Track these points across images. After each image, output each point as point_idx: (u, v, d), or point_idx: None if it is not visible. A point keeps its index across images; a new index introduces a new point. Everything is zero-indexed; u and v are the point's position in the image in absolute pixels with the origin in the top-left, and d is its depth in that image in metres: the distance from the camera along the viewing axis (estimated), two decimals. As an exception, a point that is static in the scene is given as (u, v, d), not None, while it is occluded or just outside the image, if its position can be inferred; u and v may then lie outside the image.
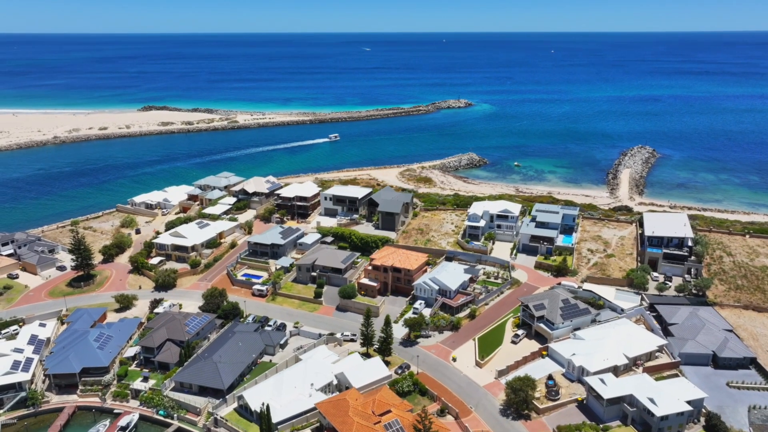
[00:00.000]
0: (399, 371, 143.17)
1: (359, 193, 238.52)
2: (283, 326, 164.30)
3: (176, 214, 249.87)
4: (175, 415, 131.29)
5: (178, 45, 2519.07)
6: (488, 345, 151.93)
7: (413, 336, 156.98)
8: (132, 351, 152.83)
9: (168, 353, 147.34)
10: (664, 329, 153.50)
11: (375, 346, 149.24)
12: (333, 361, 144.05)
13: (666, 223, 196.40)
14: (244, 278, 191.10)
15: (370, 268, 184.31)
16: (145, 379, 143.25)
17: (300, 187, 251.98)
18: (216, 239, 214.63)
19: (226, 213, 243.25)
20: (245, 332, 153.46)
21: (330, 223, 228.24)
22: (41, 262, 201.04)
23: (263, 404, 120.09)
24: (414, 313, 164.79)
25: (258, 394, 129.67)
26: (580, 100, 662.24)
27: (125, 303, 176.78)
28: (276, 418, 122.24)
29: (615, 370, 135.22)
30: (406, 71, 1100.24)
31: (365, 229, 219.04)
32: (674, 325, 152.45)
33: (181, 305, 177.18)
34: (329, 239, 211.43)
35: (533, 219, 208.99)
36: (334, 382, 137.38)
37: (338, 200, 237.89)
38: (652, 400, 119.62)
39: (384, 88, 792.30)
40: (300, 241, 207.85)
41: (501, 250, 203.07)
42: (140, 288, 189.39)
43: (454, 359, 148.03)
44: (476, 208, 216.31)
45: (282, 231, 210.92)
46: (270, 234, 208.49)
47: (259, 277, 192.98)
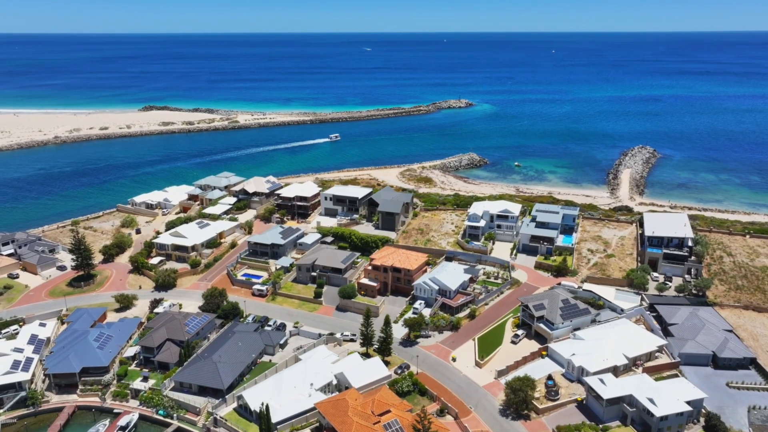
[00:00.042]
0: (398, 371, 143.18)
1: (359, 193, 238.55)
2: (282, 326, 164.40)
3: (176, 214, 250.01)
4: (175, 415, 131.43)
5: (178, 45, 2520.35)
6: (488, 345, 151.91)
7: (413, 336, 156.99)
8: (132, 351, 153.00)
9: (168, 353, 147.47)
10: (664, 329, 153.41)
11: (375, 346, 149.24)
12: (333, 361, 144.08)
13: (666, 223, 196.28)
14: (244, 278, 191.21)
15: (370, 268, 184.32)
16: (145, 379, 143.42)
17: (300, 187, 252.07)
18: (216, 239, 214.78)
19: (226, 213, 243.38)
20: (245, 332, 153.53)
21: (330, 223, 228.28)
22: (41, 261, 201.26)
23: (263, 404, 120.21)
24: (414, 313, 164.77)
25: (257, 394, 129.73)
26: (581, 100, 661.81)
27: (125, 303, 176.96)
28: (275, 418, 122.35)
29: (615, 370, 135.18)
30: (406, 71, 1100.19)
31: (365, 229, 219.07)
32: (674, 325, 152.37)
33: (181, 305, 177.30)
34: (329, 239, 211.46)
35: (533, 219, 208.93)
36: (334, 382, 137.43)
37: (338, 200, 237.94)
38: (652, 401, 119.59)
39: (385, 88, 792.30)
40: (300, 241, 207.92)
41: (501, 250, 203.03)
42: (140, 288, 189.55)
43: (454, 359, 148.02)
44: (476, 208, 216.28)
45: (282, 231, 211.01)
46: (270, 234, 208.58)
47: (259, 277, 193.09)
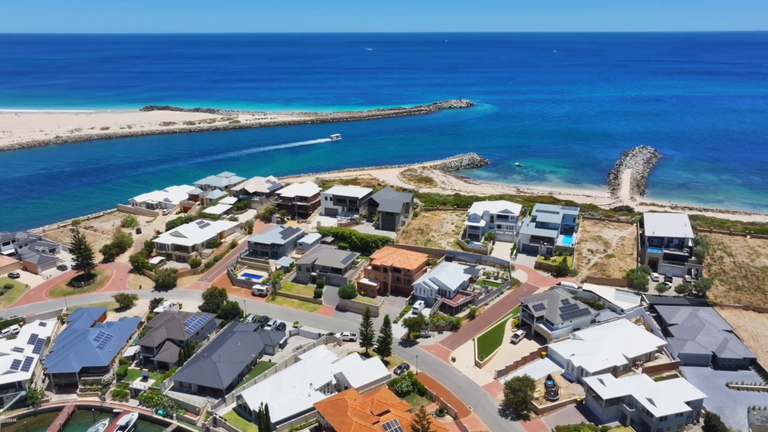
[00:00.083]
0: (398, 371, 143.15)
1: (359, 193, 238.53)
2: (282, 326, 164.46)
3: (177, 213, 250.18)
4: (174, 415, 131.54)
5: (179, 45, 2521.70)
6: (488, 345, 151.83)
7: (413, 336, 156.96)
8: (132, 350, 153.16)
9: (167, 353, 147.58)
10: (664, 330, 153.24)
11: (374, 346, 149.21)
12: (332, 361, 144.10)
13: (666, 223, 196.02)
14: (244, 278, 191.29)
15: (369, 268, 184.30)
16: (145, 379, 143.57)
17: (300, 187, 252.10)
18: (216, 239, 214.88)
19: (226, 213, 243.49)
20: (245, 332, 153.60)
21: (330, 223, 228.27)
22: (42, 261, 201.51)
23: (262, 404, 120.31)
24: (413, 313, 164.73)
25: (257, 394, 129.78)
26: (582, 100, 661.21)
27: (125, 302, 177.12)
28: (275, 418, 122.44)
29: (614, 370, 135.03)
30: (408, 71, 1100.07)
31: (365, 229, 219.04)
32: (674, 325, 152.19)
33: (181, 305, 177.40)
34: (329, 239, 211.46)
35: (533, 219, 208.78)
36: (333, 382, 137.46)
37: (339, 200, 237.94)
38: (651, 401, 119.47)
39: (386, 88, 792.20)
40: (300, 241, 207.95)
41: (501, 250, 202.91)
42: (140, 287, 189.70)
43: (454, 359, 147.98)
44: (476, 208, 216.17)
45: (282, 231, 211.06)
46: (270, 234, 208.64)
47: (259, 277, 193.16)
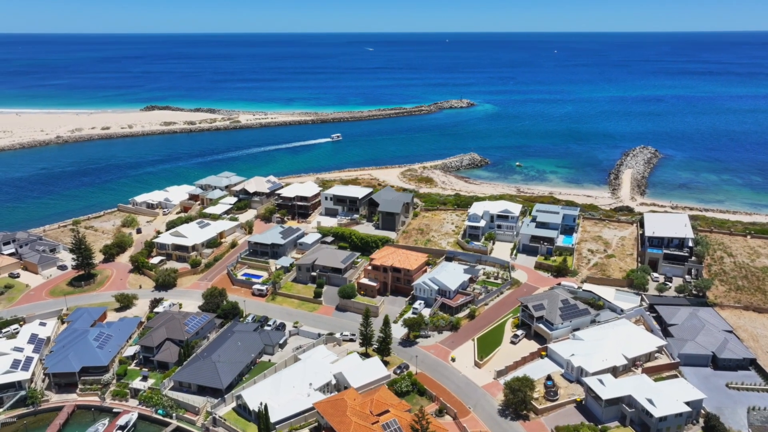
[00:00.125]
0: (398, 371, 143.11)
1: (360, 193, 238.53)
2: (282, 326, 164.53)
3: (177, 213, 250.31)
4: (174, 415, 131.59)
5: (180, 45, 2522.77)
6: (487, 345, 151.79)
7: (412, 336, 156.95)
8: (131, 350, 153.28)
9: (167, 352, 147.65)
10: (664, 330, 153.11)
11: (374, 346, 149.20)
12: (332, 360, 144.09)
13: (666, 223, 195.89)
14: (244, 278, 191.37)
15: (369, 268, 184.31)
16: (145, 379, 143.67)
17: (301, 186, 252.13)
18: (216, 239, 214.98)
19: (226, 213, 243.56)
20: (244, 332, 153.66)
21: (330, 222, 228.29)
22: (42, 261, 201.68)
23: (261, 404, 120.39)
24: (413, 313, 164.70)
25: (256, 394, 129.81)
26: (583, 100, 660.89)
27: (125, 302, 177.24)
28: (274, 418, 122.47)
29: (614, 370, 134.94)
30: (408, 71, 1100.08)
31: (365, 229, 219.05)
32: (674, 325, 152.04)
33: (181, 305, 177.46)
34: (329, 239, 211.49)
35: (533, 219, 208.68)
36: (333, 381, 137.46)
37: (339, 200, 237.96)
38: (651, 401, 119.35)
39: (387, 88, 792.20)
40: (300, 240, 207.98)
41: (501, 250, 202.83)
42: (140, 287, 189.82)
43: (453, 359, 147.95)
44: (476, 208, 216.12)
45: (282, 231, 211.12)
46: (270, 234, 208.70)
47: (259, 277, 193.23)
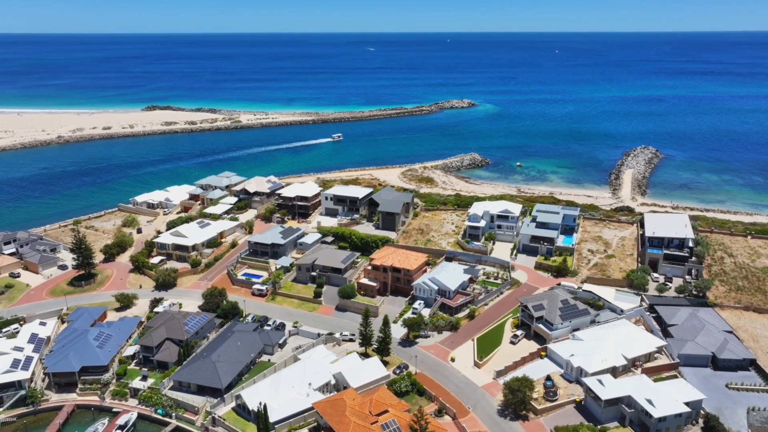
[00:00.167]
0: (397, 371, 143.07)
1: (360, 193, 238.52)
2: (282, 326, 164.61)
3: (177, 213, 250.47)
4: (174, 414, 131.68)
5: (181, 45, 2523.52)
6: (487, 345, 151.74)
7: (412, 336, 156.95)
8: (131, 350, 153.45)
9: (167, 352, 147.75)
10: (664, 330, 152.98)
11: (373, 346, 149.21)
12: (331, 360, 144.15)
13: (667, 223, 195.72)
14: (244, 278, 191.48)
15: (369, 268, 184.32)
16: (144, 378, 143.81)
17: (301, 186, 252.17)
18: (217, 239, 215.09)
19: (227, 212, 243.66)
20: (244, 332, 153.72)
21: (331, 222, 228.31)
22: (43, 261, 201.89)
23: (261, 403, 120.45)
24: (413, 313, 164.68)
25: (256, 394, 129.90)
26: (584, 100, 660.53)
27: (125, 302, 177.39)
28: (273, 418, 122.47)
29: (613, 371, 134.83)
30: (409, 71, 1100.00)
31: (366, 229, 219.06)
32: (674, 326, 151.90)
33: (181, 304, 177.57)
34: (329, 239, 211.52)
35: (534, 219, 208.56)
36: (332, 381, 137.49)
37: (339, 200, 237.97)
38: (650, 402, 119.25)
39: (387, 88, 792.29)
40: (300, 240, 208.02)
41: (501, 250, 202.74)
42: (141, 287, 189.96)
43: (453, 359, 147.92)
44: (477, 208, 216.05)
45: (282, 231, 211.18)
46: (270, 234, 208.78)
47: (259, 277, 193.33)
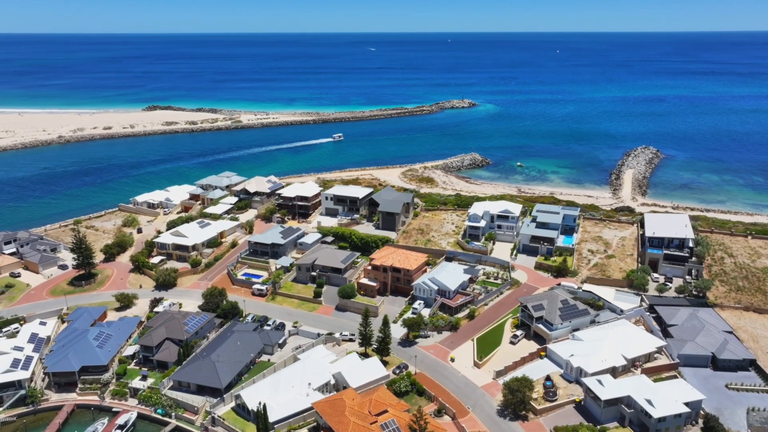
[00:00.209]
0: (397, 371, 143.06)
1: (360, 193, 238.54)
2: (281, 326, 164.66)
3: (178, 213, 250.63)
4: (173, 414, 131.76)
5: (181, 45, 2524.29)
6: (487, 345, 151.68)
7: (412, 336, 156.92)
8: (131, 350, 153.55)
9: (167, 352, 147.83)
10: (664, 330, 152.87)
11: (373, 346, 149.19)
12: (331, 360, 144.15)
13: (667, 224, 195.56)
14: (244, 278, 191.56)
15: (369, 268, 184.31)
16: (144, 378, 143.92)
17: (301, 186, 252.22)
18: (217, 239, 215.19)
19: (227, 212, 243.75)
20: (244, 331, 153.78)
21: (331, 222, 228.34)
22: (43, 260, 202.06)
23: (260, 403, 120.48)
24: (413, 313, 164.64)
25: (255, 394, 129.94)
26: (585, 100, 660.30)
27: (125, 302, 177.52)
28: (273, 418, 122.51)
29: (613, 371, 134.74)
30: (410, 71, 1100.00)
31: (366, 229, 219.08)
32: (674, 326, 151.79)
33: (181, 304, 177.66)
34: (329, 239, 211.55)
35: (534, 219, 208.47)
36: (332, 381, 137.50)
37: (339, 200, 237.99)
38: (650, 402, 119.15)
39: (388, 88, 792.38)
40: (300, 240, 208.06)
41: (501, 250, 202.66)
42: (141, 287, 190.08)
43: (452, 360, 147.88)
44: (477, 208, 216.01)
45: (282, 231, 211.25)
46: (270, 233, 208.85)
47: (259, 277, 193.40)
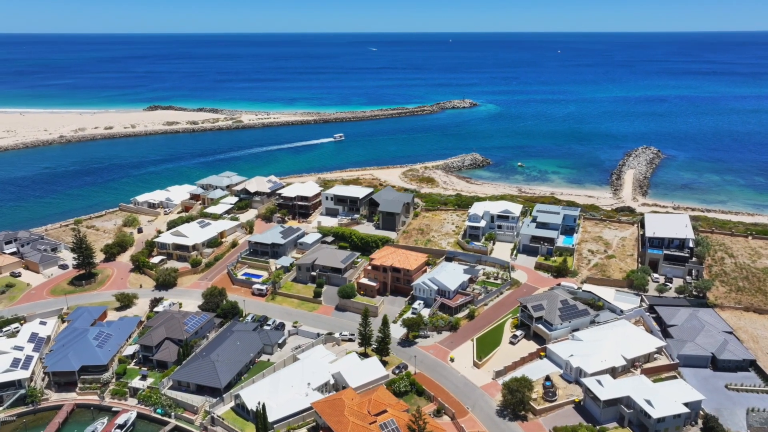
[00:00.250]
0: (396, 371, 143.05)
1: (360, 193, 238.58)
2: (281, 325, 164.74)
3: (178, 213, 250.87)
4: (173, 414, 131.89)
5: (183, 45, 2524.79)
6: (486, 345, 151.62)
7: (411, 336, 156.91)
8: (131, 349, 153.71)
9: (166, 352, 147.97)
10: (664, 331, 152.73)
11: (373, 346, 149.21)
12: (330, 360, 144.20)
13: (667, 224, 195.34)
14: (244, 277, 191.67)
15: (369, 268, 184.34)
16: (144, 378, 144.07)
17: (301, 186, 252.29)
18: (217, 238, 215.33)
19: (227, 212, 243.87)
20: (244, 331, 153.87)
21: (331, 222, 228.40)
22: (44, 260, 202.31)
23: (259, 403, 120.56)
24: (413, 313, 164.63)
25: (255, 393, 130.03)
26: (586, 100, 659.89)
27: (126, 302, 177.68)
28: (272, 417, 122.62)
29: (613, 371, 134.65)
30: (411, 71, 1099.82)
31: (366, 229, 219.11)
32: (674, 326, 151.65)
33: (181, 304, 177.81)
34: (330, 239, 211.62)
35: (534, 219, 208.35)
36: (331, 381, 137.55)
37: (339, 200, 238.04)
38: (649, 402, 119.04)
39: (389, 88, 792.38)
40: (300, 240, 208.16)
41: (501, 250, 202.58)
42: (141, 287, 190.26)
43: (452, 360, 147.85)
44: (477, 208, 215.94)
45: (283, 230, 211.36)
46: (270, 233, 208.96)
47: (259, 277, 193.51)
